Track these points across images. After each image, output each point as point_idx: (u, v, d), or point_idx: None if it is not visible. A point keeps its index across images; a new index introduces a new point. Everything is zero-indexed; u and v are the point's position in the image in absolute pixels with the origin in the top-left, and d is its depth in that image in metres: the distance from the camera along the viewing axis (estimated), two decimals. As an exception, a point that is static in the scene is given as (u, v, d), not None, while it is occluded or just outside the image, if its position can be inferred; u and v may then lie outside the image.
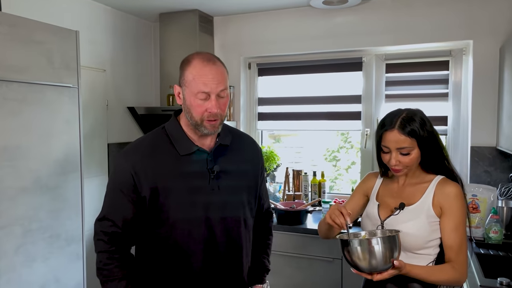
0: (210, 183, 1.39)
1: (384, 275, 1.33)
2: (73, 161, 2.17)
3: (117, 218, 1.36)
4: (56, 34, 2.07)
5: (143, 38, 3.49)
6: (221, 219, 1.40)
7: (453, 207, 1.44)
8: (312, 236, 2.66)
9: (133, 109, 3.27)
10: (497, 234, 2.26)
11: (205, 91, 1.30)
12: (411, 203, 1.49)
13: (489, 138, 2.71)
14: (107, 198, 1.41)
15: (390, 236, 1.33)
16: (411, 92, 2.98)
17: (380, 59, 3.05)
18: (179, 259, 1.37)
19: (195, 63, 1.32)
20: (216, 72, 1.32)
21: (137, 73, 3.42)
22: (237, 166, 1.47)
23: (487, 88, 2.70)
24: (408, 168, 1.47)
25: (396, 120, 1.45)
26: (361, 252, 1.30)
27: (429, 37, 2.81)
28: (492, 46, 2.67)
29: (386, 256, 1.29)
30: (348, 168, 3.63)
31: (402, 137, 1.43)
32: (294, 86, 3.36)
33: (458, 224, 1.43)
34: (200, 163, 1.39)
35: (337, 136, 3.62)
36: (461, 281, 1.43)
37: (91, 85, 2.94)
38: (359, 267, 1.34)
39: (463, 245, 1.43)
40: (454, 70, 2.88)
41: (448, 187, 1.46)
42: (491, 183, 2.68)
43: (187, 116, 1.37)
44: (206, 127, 1.35)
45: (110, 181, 1.42)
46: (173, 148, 1.39)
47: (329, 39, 3.08)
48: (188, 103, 1.34)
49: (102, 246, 1.35)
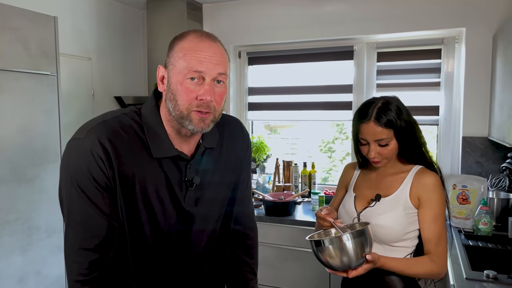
0: (186, 197, 1.12)
1: (359, 271, 1.28)
2: (53, 151, 2.11)
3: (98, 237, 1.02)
4: (33, 20, 2.00)
5: (130, 26, 3.42)
6: (199, 232, 1.18)
7: (432, 198, 1.39)
8: (301, 228, 2.62)
9: (120, 98, 3.21)
10: (486, 225, 2.22)
11: (198, 70, 1.00)
12: (388, 194, 1.44)
13: (481, 128, 2.66)
14: (73, 207, 1.02)
15: (359, 230, 1.26)
16: (403, 81, 2.92)
17: (372, 47, 2.99)
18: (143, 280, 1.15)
19: (190, 38, 1.03)
20: (216, 50, 1.03)
21: (124, 62, 3.35)
22: (222, 174, 1.20)
23: (480, 77, 2.64)
24: (387, 159, 1.43)
25: (371, 111, 1.38)
26: (332, 250, 1.23)
27: (421, 24, 2.75)
28: (485, 34, 2.60)
29: (358, 251, 1.24)
30: (343, 159, 3.58)
31: (379, 128, 1.37)
32: (284, 75, 3.30)
33: (437, 215, 1.39)
34: (176, 171, 1.09)
35: (332, 127, 3.57)
36: (440, 274, 1.39)
37: (75, 73, 2.87)
38: (332, 266, 1.27)
39: (442, 237, 1.39)
40: (446, 59, 2.81)
41: (426, 177, 1.41)
42: (483, 173, 2.64)
43: (169, 106, 1.04)
44: (193, 121, 1.02)
45: (70, 174, 1.01)
46: (145, 144, 1.06)
47: (320, 27, 3.01)
48: (174, 88, 1.01)
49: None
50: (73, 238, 1.03)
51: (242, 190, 1.33)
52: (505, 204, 2.37)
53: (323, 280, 2.60)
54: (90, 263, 1.03)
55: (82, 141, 1.01)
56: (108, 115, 1.08)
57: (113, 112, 1.10)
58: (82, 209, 1.02)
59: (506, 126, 2.11)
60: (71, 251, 1.04)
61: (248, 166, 1.36)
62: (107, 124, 1.04)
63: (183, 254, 1.18)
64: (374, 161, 1.43)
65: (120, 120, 1.07)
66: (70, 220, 1.03)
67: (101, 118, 1.06)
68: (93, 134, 1.01)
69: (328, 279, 2.59)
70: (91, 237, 1.03)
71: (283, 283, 2.68)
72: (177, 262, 1.18)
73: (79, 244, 1.02)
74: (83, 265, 1.03)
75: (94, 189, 1.01)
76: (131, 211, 1.07)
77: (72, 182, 1.01)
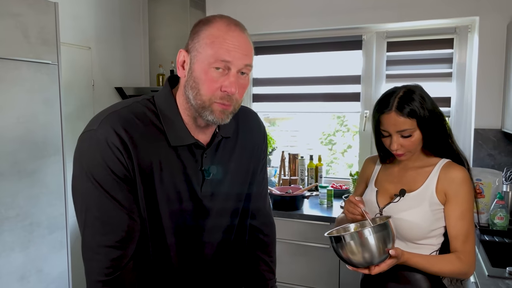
0: (203, 187, 1.07)
1: (382, 267, 1.21)
2: (54, 143, 2.02)
3: (118, 232, 0.97)
4: (32, 6, 1.90)
5: (130, 13, 3.30)
6: (214, 228, 1.13)
7: (459, 193, 1.31)
8: (309, 222, 2.55)
9: (121, 89, 3.12)
10: (502, 220, 2.16)
11: (226, 60, 0.94)
12: (412, 189, 1.37)
13: (493, 120, 2.59)
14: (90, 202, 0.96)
15: (381, 224, 1.19)
16: (413, 72, 2.84)
17: (381, 37, 2.90)
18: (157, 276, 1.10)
19: (218, 25, 0.97)
20: (245, 41, 0.98)
21: (125, 51, 3.24)
22: (238, 163, 1.15)
23: (493, 68, 2.57)
24: (411, 152, 1.35)
25: (393, 100, 1.31)
26: (353, 246, 1.17)
27: (433, 13, 2.66)
28: (499, 22, 2.53)
29: (380, 246, 1.18)
30: (344, 151, 3.53)
31: (401, 119, 1.29)
32: (290, 66, 3.21)
33: (465, 211, 1.31)
34: (192, 161, 1.05)
35: (333, 119, 3.50)
36: (468, 273, 1.32)
37: (75, 63, 2.76)
38: (353, 262, 1.21)
39: (470, 234, 1.32)
40: (458, 49, 2.74)
41: (453, 171, 1.33)
42: (495, 166, 2.57)
43: (189, 95, 0.99)
44: (214, 113, 0.97)
45: (84, 168, 0.95)
46: (161, 132, 1.01)
47: (327, 15, 2.92)
48: (197, 76, 0.96)
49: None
50: (91, 235, 0.97)
51: (258, 184, 1.27)
52: (520, 198, 2.32)
53: (333, 275, 2.54)
54: (111, 261, 0.97)
55: (95, 132, 0.95)
56: (119, 105, 1.02)
57: (124, 102, 1.04)
58: (100, 203, 0.96)
59: (525, 118, 2.04)
60: (90, 249, 0.97)
61: (265, 158, 1.29)
62: (120, 114, 0.98)
63: (198, 249, 1.12)
64: (397, 154, 1.36)
65: (133, 108, 1.01)
66: (87, 216, 0.97)
67: (113, 108, 1.01)
68: (106, 124, 0.95)
69: (337, 274, 2.53)
70: (111, 232, 0.97)
71: (291, 278, 2.62)
72: (192, 258, 1.12)
73: (98, 241, 0.96)
74: (104, 264, 0.96)
75: (112, 181, 0.95)
76: (150, 203, 1.01)
77: (88, 176, 0.95)
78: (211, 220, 1.12)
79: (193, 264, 1.12)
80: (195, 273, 1.13)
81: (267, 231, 1.36)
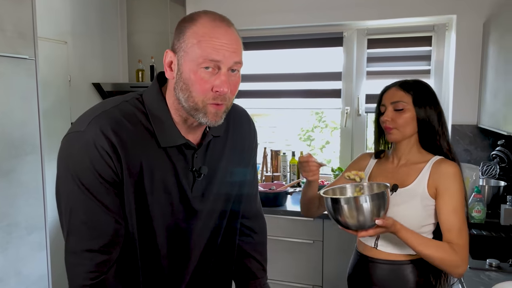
0: (194, 188, 1.05)
1: (370, 232, 1.24)
2: (31, 141, 1.95)
3: (104, 237, 0.94)
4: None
5: (108, 7, 3.21)
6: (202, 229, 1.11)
7: (451, 187, 1.32)
8: (292, 218, 2.57)
9: (98, 85, 3.04)
10: (480, 213, 2.23)
11: (215, 59, 0.91)
12: (405, 185, 1.39)
13: (470, 116, 2.66)
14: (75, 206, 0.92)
15: (379, 193, 1.23)
16: (393, 69, 2.89)
17: (362, 34, 2.93)
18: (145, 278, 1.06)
19: (204, 22, 0.93)
20: (232, 37, 0.94)
21: (102, 46, 3.16)
22: (229, 162, 1.13)
23: (470, 65, 2.64)
24: (400, 131, 1.38)
25: (399, 81, 1.43)
26: (346, 210, 1.22)
27: (412, 11, 2.71)
28: (476, 21, 2.59)
29: (374, 213, 1.21)
30: (323, 147, 3.56)
31: (399, 92, 1.39)
32: (271, 62, 3.20)
33: (457, 206, 1.32)
34: (183, 161, 1.02)
35: (312, 115, 3.53)
36: (460, 267, 1.29)
37: (51, 58, 2.67)
38: (345, 224, 1.25)
39: (464, 229, 1.32)
40: (436, 46, 2.80)
41: (445, 166, 1.35)
42: (471, 161, 2.65)
43: (180, 96, 0.95)
44: (208, 115, 0.95)
45: (70, 169, 0.91)
46: (151, 133, 0.98)
47: (309, 12, 2.92)
48: (186, 77, 0.93)
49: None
50: (77, 239, 0.93)
51: (249, 185, 1.27)
52: (496, 192, 2.40)
53: (316, 270, 2.56)
54: (96, 266, 0.93)
55: (83, 134, 0.91)
56: (108, 104, 0.98)
57: (113, 100, 0.99)
58: (86, 207, 0.92)
59: (502, 114, 2.10)
60: (74, 253, 0.94)
61: (255, 157, 1.28)
62: (109, 114, 0.94)
63: (186, 251, 1.10)
64: (386, 127, 1.40)
65: (122, 108, 0.97)
66: (72, 220, 0.93)
67: (101, 108, 0.96)
68: (95, 126, 0.91)
69: (321, 269, 2.55)
70: (97, 237, 0.93)
71: (275, 274, 2.62)
72: (181, 261, 1.10)
73: (84, 246, 0.93)
74: (89, 268, 0.93)
75: (100, 185, 0.92)
76: (141, 205, 0.99)
77: (74, 178, 0.91)
78: (201, 222, 1.10)
79: (181, 267, 1.10)
80: (183, 275, 1.12)
81: (258, 230, 1.35)
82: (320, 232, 2.53)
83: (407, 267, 1.38)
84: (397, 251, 1.38)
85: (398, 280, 1.38)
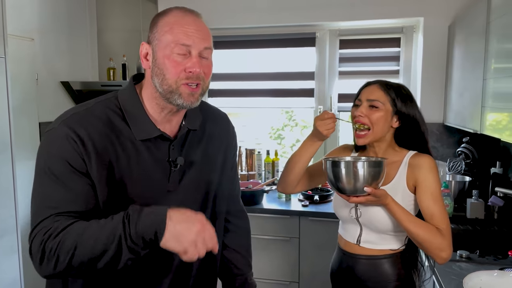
0: (171, 178, 1.08)
1: (361, 199, 1.28)
2: (1, 141, 1.88)
3: (68, 208, 0.95)
4: (-25, -8, 1.74)
5: (77, 2, 3.12)
6: None
7: (429, 178, 1.36)
8: (269, 216, 2.59)
9: (67, 83, 2.95)
10: (448, 207, 2.33)
11: (186, 44, 0.98)
12: (385, 183, 1.41)
13: (436, 114, 2.78)
14: (44, 188, 0.97)
15: (376, 161, 1.30)
16: (364, 69, 2.98)
17: (334, 34, 3.00)
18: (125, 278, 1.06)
19: (174, 13, 1.02)
20: (201, 25, 1.02)
21: (71, 43, 3.06)
22: (205, 157, 1.16)
23: (436, 66, 2.76)
24: (371, 130, 1.40)
25: (382, 80, 1.44)
26: (345, 173, 1.27)
27: (382, 13, 2.80)
28: (442, 23, 2.71)
29: (367, 180, 1.26)
30: (293, 145, 3.61)
31: (377, 91, 1.41)
32: (244, 61, 3.22)
33: (436, 195, 1.36)
34: (160, 153, 1.06)
35: (282, 114, 3.57)
36: (445, 251, 1.31)
37: (17, 55, 2.56)
38: (340, 188, 1.29)
39: (446, 216, 1.36)
40: (405, 47, 2.91)
41: (421, 159, 1.39)
42: (438, 158, 2.77)
43: (155, 82, 1.01)
44: (182, 95, 0.99)
45: (42, 164, 0.97)
46: (127, 128, 1.03)
47: (281, 12, 2.96)
48: (161, 62, 0.99)
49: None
50: (36, 215, 0.96)
51: (230, 183, 1.29)
52: (462, 187, 2.52)
53: (293, 267, 2.60)
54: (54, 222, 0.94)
55: (55, 131, 0.99)
56: (81, 106, 1.06)
57: (85, 103, 1.07)
58: (53, 189, 0.96)
59: (468, 112, 2.21)
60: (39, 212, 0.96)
61: (235, 156, 1.32)
62: (80, 114, 1.02)
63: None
64: (358, 121, 1.41)
65: (94, 109, 1.04)
66: (37, 203, 0.97)
67: (74, 110, 1.04)
68: (66, 124, 0.99)
69: (297, 266, 2.59)
70: (63, 208, 0.95)
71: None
72: (163, 256, 1.07)
73: (45, 213, 0.95)
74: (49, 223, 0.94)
75: (69, 173, 0.96)
76: (117, 197, 1.01)
77: (45, 170, 0.96)
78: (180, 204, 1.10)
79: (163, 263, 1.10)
80: (167, 271, 1.11)
81: (243, 226, 1.38)
82: (297, 229, 2.57)
83: (387, 261, 1.42)
84: (379, 247, 1.42)
85: (380, 274, 1.42)
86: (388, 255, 1.42)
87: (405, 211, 1.32)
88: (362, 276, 1.43)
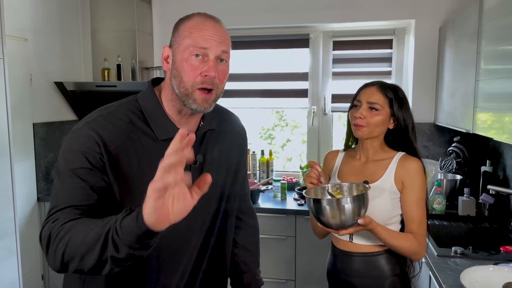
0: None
1: (350, 231, 1.32)
2: (0, 143, 1.86)
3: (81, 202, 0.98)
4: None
5: (70, 2, 3.10)
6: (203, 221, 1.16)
7: (415, 182, 1.44)
8: (265, 215, 2.62)
9: (61, 84, 2.93)
10: (440, 205, 2.40)
11: (203, 47, 1.03)
12: (373, 180, 1.48)
13: (428, 114, 2.85)
14: (63, 183, 1.00)
15: (360, 195, 1.32)
16: (357, 70, 3.02)
17: (327, 36, 3.04)
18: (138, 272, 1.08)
19: (195, 18, 1.08)
20: (219, 30, 1.07)
21: (64, 43, 3.04)
22: (222, 156, 1.20)
23: (427, 67, 2.82)
24: (369, 130, 1.45)
25: (378, 82, 1.49)
26: (329, 211, 1.28)
27: (375, 15, 2.85)
28: (433, 25, 2.78)
29: (355, 213, 1.29)
30: (284, 145, 3.64)
31: (377, 93, 1.45)
32: (238, 62, 3.23)
33: (419, 199, 1.44)
34: None
35: (272, 114, 3.60)
36: (420, 253, 1.44)
37: (11, 56, 2.54)
38: (327, 224, 1.31)
39: (423, 220, 1.45)
40: (397, 49, 2.97)
41: (409, 162, 1.46)
42: (429, 157, 2.83)
43: (173, 84, 1.06)
44: (196, 100, 1.04)
45: (63, 160, 1.02)
46: (148, 128, 1.07)
47: (276, 13, 2.99)
48: (179, 65, 1.04)
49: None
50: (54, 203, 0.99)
51: (241, 184, 1.33)
52: (453, 185, 2.58)
53: (289, 265, 2.64)
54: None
55: (78, 131, 1.02)
56: (104, 109, 1.09)
57: (108, 106, 1.10)
58: (71, 185, 0.98)
59: (459, 112, 2.27)
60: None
61: (246, 156, 1.36)
62: (103, 117, 1.06)
63: (181, 244, 1.12)
64: (357, 125, 1.45)
65: (116, 112, 1.07)
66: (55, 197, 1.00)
67: (97, 113, 1.08)
68: (89, 126, 1.03)
69: (294, 263, 2.63)
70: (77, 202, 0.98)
71: (248, 271, 2.67)
72: (176, 254, 1.12)
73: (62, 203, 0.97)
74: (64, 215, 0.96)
75: (87, 168, 0.99)
76: (136, 198, 0.99)
77: (64, 169, 0.99)
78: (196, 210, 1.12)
79: (175, 263, 1.12)
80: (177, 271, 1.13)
81: (252, 224, 1.45)
82: (293, 228, 2.61)
83: (381, 257, 1.47)
84: (371, 242, 1.47)
85: (375, 270, 1.47)
86: (383, 251, 1.47)
87: (385, 229, 1.39)
88: (358, 274, 1.48)
